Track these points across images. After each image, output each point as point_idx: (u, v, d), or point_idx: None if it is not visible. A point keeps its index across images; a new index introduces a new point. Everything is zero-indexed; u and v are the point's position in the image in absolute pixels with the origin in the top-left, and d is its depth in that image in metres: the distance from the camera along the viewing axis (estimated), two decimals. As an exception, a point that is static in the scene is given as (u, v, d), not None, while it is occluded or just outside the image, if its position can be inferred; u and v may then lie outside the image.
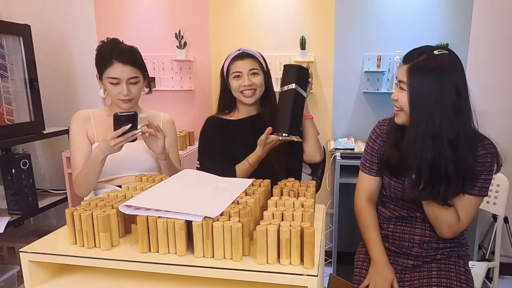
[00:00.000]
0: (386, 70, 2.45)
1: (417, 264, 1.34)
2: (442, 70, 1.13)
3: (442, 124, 1.13)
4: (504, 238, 2.25)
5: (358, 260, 1.45)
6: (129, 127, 1.34)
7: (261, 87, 1.55)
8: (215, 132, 1.57)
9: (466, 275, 1.31)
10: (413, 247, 1.34)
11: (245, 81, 1.51)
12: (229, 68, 1.55)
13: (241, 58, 1.54)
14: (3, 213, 2.08)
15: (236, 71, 1.52)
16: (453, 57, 1.17)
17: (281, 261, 0.84)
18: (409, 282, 1.32)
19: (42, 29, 2.68)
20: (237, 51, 1.57)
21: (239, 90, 1.53)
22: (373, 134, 1.42)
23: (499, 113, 2.36)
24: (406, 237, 1.35)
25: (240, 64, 1.53)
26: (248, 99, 1.54)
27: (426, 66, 1.14)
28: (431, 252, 1.34)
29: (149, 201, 0.96)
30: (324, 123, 2.59)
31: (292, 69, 1.43)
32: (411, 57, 1.20)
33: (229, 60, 1.56)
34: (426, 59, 1.15)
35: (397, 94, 1.23)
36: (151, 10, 2.65)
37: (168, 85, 2.71)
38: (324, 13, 2.48)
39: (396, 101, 1.23)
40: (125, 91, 1.45)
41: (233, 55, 1.56)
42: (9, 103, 2.14)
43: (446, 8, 2.36)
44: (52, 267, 0.98)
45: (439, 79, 1.13)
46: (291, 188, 1.10)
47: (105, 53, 1.46)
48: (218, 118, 1.61)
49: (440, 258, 1.34)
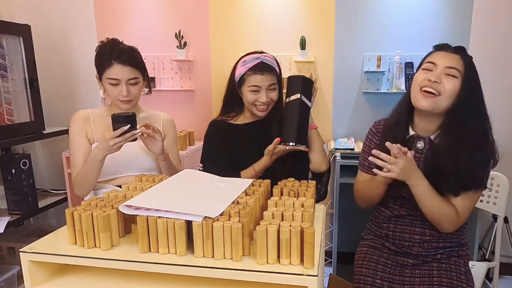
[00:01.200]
0: (386, 70, 2.45)
1: (417, 263, 1.35)
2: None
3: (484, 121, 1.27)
4: (504, 238, 2.25)
5: (358, 260, 1.45)
6: (128, 127, 1.34)
7: (274, 102, 1.52)
8: (219, 136, 1.55)
9: (466, 275, 1.31)
10: (413, 246, 1.34)
11: (263, 98, 1.46)
12: (244, 78, 1.47)
13: (261, 72, 1.45)
14: (3, 213, 2.08)
15: (254, 85, 1.45)
16: None
17: (281, 261, 0.84)
18: (409, 279, 1.32)
19: (42, 29, 2.68)
20: (255, 60, 1.47)
21: (254, 103, 1.49)
22: (370, 133, 1.45)
23: (499, 112, 2.36)
24: (407, 236, 1.35)
25: (260, 78, 1.45)
26: (262, 113, 1.50)
27: (469, 56, 1.28)
28: (431, 251, 1.34)
29: (149, 201, 0.96)
30: (324, 123, 2.59)
31: (297, 79, 1.44)
32: (457, 49, 1.28)
33: (246, 69, 1.47)
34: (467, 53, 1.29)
35: (439, 77, 1.22)
36: (151, 10, 2.65)
37: (168, 85, 2.71)
38: (324, 13, 2.48)
39: (438, 84, 1.22)
40: (124, 92, 1.45)
41: (251, 64, 1.47)
42: (9, 103, 2.14)
43: (446, 8, 2.36)
44: (52, 267, 0.98)
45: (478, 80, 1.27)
46: (291, 188, 1.10)
47: (104, 54, 1.45)
48: (223, 122, 1.58)
49: (441, 257, 1.34)
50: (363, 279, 1.36)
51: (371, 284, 1.34)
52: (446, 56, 1.24)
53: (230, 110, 1.59)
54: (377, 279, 1.34)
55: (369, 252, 1.43)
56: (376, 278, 1.34)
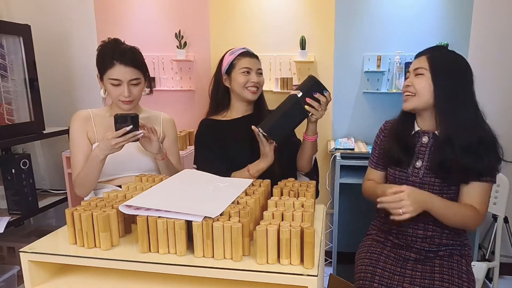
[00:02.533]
0: (386, 70, 2.45)
1: (419, 258, 1.37)
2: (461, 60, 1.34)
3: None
4: (504, 238, 2.25)
5: (361, 252, 1.47)
6: (130, 128, 1.34)
7: (262, 88, 1.62)
8: (210, 135, 1.57)
9: (468, 275, 1.32)
10: (416, 241, 1.38)
11: (254, 78, 1.55)
12: (234, 63, 1.57)
13: (250, 56, 1.58)
14: (3, 213, 2.08)
15: (245, 66, 1.55)
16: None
17: (281, 261, 0.84)
18: (410, 272, 1.34)
19: (42, 29, 2.68)
20: (241, 49, 1.60)
21: (245, 85, 1.55)
22: (379, 131, 1.55)
23: (499, 112, 2.37)
24: (410, 231, 1.38)
25: (250, 61, 1.57)
26: (253, 94, 1.57)
27: (445, 51, 1.37)
28: (433, 247, 1.36)
29: (149, 201, 0.96)
30: (324, 123, 2.59)
31: (311, 81, 1.39)
32: (425, 51, 1.37)
33: (234, 55, 1.57)
34: (442, 50, 1.38)
35: (411, 81, 1.35)
36: (151, 10, 2.65)
37: (168, 85, 2.71)
38: (324, 13, 2.48)
39: (410, 86, 1.35)
40: (126, 92, 1.45)
41: (239, 51, 1.58)
42: (9, 103, 2.14)
43: (446, 8, 2.36)
44: (52, 267, 0.98)
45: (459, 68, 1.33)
46: (291, 188, 1.10)
47: (106, 54, 1.44)
48: (212, 120, 1.61)
49: (443, 255, 1.36)
50: (365, 269, 1.38)
51: (372, 273, 1.35)
52: (416, 61, 1.38)
53: (217, 105, 1.65)
54: (378, 269, 1.36)
55: (373, 245, 1.46)
56: (378, 268, 1.36)
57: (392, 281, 1.32)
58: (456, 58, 1.34)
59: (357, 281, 1.37)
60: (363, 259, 1.42)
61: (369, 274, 1.35)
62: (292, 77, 2.52)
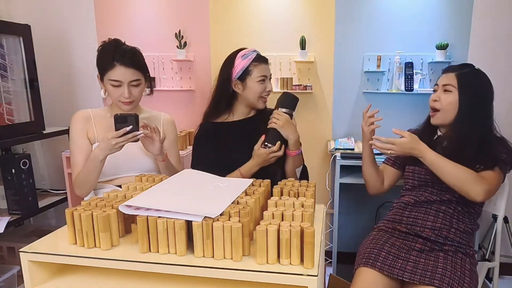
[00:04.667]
0: (386, 70, 2.45)
1: (424, 249, 1.39)
2: (486, 78, 1.50)
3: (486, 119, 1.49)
4: (504, 238, 2.24)
5: (363, 246, 1.48)
6: (130, 128, 1.34)
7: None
8: (209, 139, 1.55)
9: (471, 274, 1.32)
10: (423, 230, 1.42)
11: (269, 86, 1.49)
12: (250, 69, 1.47)
13: (265, 62, 1.50)
14: (3, 213, 2.08)
15: (263, 74, 1.47)
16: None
17: (281, 261, 0.84)
18: (413, 263, 1.35)
19: (42, 29, 2.67)
20: (253, 52, 1.50)
21: (261, 95, 1.49)
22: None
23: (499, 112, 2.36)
24: (419, 222, 1.44)
25: (265, 68, 1.49)
26: (264, 104, 1.53)
27: (473, 70, 1.50)
28: (440, 239, 1.39)
29: (149, 201, 0.96)
30: (324, 123, 2.59)
31: (294, 98, 1.48)
32: (454, 68, 1.51)
33: (249, 60, 1.47)
34: (470, 69, 1.51)
35: (438, 95, 1.49)
36: (151, 10, 2.65)
37: (168, 85, 2.71)
38: (324, 13, 2.48)
39: (437, 102, 1.49)
40: (126, 93, 1.44)
41: (252, 55, 1.48)
42: (9, 103, 2.14)
43: (446, 8, 2.36)
44: (52, 267, 0.98)
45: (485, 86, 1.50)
46: (291, 188, 1.10)
47: (106, 55, 1.44)
48: (211, 124, 1.58)
49: (448, 249, 1.38)
50: (369, 251, 1.40)
51: (377, 254, 1.37)
52: (445, 76, 1.50)
53: (220, 111, 1.58)
54: (383, 252, 1.38)
55: (379, 234, 1.49)
56: (382, 251, 1.39)
57: (396, 263, 1.34)
58: (482, 78, 1.48)
59: (359, 263, 1.39)
60: (368, 245, 1.45)
61: (373, 255, 1.38)
62: (292, 77, 2.52)
